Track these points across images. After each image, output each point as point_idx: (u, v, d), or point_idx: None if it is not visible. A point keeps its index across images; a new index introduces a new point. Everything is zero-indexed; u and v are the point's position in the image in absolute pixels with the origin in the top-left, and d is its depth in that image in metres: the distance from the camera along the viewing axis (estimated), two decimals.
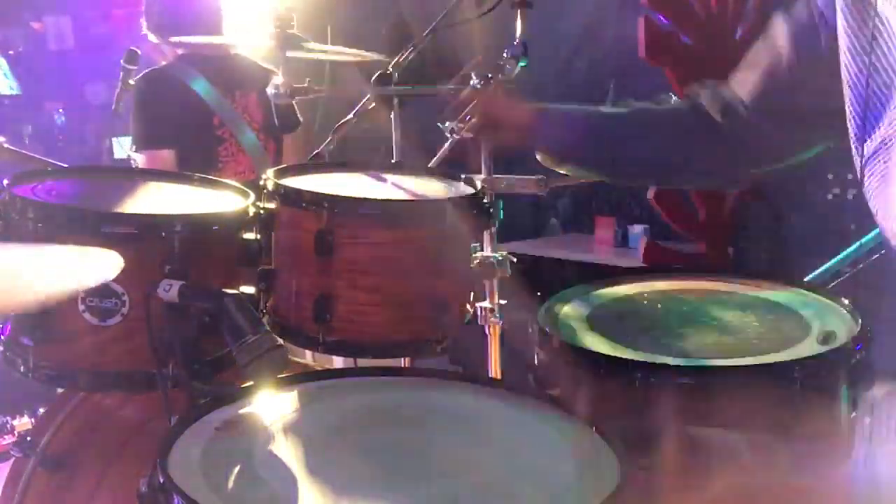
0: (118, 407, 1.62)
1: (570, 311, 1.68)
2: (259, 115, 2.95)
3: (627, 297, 1.76)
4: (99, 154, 5.41)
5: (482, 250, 1.78)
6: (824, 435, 1.39)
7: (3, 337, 1.39)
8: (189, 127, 2.83)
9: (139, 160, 2.80)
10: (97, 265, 1.01)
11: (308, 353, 2.00)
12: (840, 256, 2.07)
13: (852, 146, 1.07)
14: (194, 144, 2.83)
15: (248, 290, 1.48)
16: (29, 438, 1.62)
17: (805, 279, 1.84)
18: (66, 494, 1.53)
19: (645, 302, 1.74)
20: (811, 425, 1.34)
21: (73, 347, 1.34)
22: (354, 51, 2.23)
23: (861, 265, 2.06)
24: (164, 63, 2.96)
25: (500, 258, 1.79)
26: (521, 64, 1.87)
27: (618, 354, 1.46)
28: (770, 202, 3.72)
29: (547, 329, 1.53)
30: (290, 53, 1.84)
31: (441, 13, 2.03)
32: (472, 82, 1.86)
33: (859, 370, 1.43)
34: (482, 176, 1.84)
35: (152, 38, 2.96)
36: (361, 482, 0.98)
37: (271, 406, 1.16)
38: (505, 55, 1.87)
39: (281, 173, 1.58)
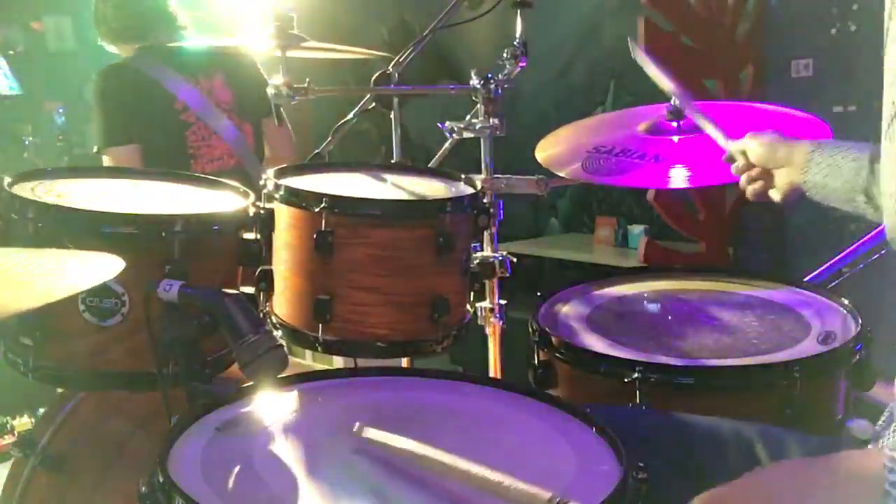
0: (118, 407, 1.62)
1: (570, 311, 1.68)
2: (227, 96, 2.85)
3: (627, 297, 1.76)
4: (99, 154, 5.41)
5: (482, 250, 1.78)
6: (824, 434, 1.39)
7: (3, 337, 1.39)
8: (151, 116, 2.74)
9: (104, 161, 2.71)
10: (97, 265, 1.01)
11: (308, 353, 1.99)
12: (840, 256, 2.06)
13: None
14: (160, 133, 2.73)
15: (248, 290, 1.48)
16: (29, 438, 1.62)
17: (805, 279, 1.84)
18: (66, 494, 1.53)
19: (645, 302, 1.74)
20: (811, 425, 1.34)
21: (73, 347, 1.34)
22: (355, 49, 2.22)
23: (861, 265, 2.06)
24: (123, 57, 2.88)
25: (500, 258, 1.80)
26: (521, 64, 1.87)
27: (618, 354, 1.46)
28: (770, 202, 3.71)
29: (547, 329, 1.54)
30: (290, 53, 1.84)
31: (441, 13, 2.03)
32: (472, 82, 1.86)
33: (859, 370, 1.43)
34: (482, 176, 1.84)
35: (112, 48, 2.89)
36: (361, 482, 0.98)
37: (271, 406, 1.16)
38: (505, 55, 1.87)
39: (281, 173, 1.58)
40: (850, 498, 0.80)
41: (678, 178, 1.75)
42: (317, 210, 1.41)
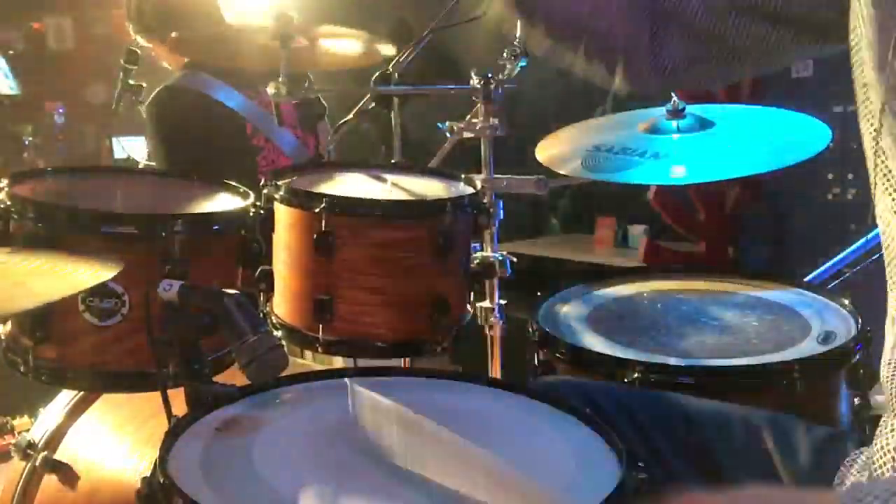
0: (118, 407, 1.63)
1: (570, 311, 1.69)
2: (292, 109, 2.62)
3: (627, 297, 1.76)
4: (99, 154, 5.42)
5: (482, 250, 1.78)
6: None
7: (3, 337, 1.39)
8: (220, 144, 2.46)
9: None
10: (97, 265, 1.01)
11: (308, 353, 1.99)
12: (840, 256, 2.07)
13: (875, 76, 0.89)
14: (229, 162, 2.45)
15: (248, 290, 1.48)
16: (29, 439, 1.62)
17: (805, 279, 1.84)
18: (66, 494, 1.53)
19: (645, 302, 1.74)
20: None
21: (73, 347, 1.34)
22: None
23: (861, 265, 2.06)
24: (174, 76, 2.61)
25: (500, 258, 1.79)
26: (521, 64, 1.87)
27: (618, 354, 1.46)
28: (770, 202, 3.72)
29: (547, 329, 1.54)
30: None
31: (441, 13, 2.03)
32: (472, 82, 1.86)
33: (859, 370, 1.43)
34: (482, 176, 1.84)
35: (142, 40, 2.68)
36: (361, 482, 0.98)
37: (271, 406, 1.16)
38: (505, 55, 1.87)
39: (281, 173, 1.58)
40: None
41: (678, 174, 1.75)
42: (317, 210, 1.41)
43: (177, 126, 2.48)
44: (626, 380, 1.35)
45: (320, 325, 1.44)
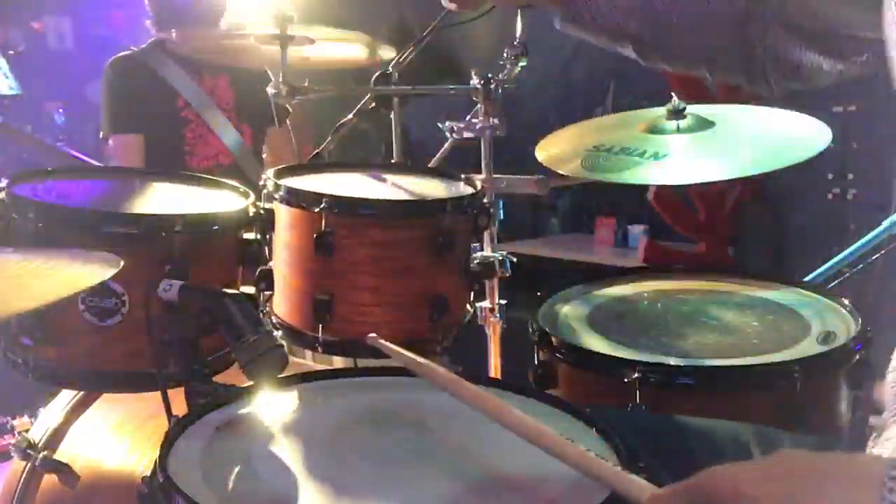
0: (118, 407, 1.63)
1: (570, 311, 1.68)
2: (230, 97, 2.96)
3: (627, 297, 1.76)
4: (99, 154, 5.41)
5: (482, 250, 1.78)
6: (824, 434, 1.39)
7: (3, 337, 1.39)
8: (154, 110, 2.87)
9: (109, 145, 2.88)
10: (97, 265, 1.01)
11: (308, 353, 2.00)
12: (840, 256, 2.07)
13: None
14: (159, 128, 2.86)
15: (248, 290, 1.48)
16: (29, 439, 1.62)
17: (805, 279, 1.84)
18: (66, 494, 1.53)
19: (645, 302, 1.74)
20: (811, 425, 1.34)
21: (73, 347, 1.34)
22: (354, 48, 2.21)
23: (861, 265, 2.06)
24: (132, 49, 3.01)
25: (500, 258, 1.79)
26: (521, 64, 1.87)
27: (618, 354, 1.46)
28: (770, 202, 3.72)
29: (547, 329, 1.54)
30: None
31: (441, 13, 2.03)
32: (472, 82, 1.86)
33: (859, 370, 1.43)
34: (482, 176, 1.84)
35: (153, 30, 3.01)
36: (361, 482, 0.98)
37: (271, 406, 1.16)
38: (505, 55, 1.87)
39: (281, 173, 1.58)
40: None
41: (677, 174, 1.75)
42: (317, 210, 1.41)
43: (119, 87, 2.89)
44: (625, 380, 1.35)
45: (320, 325, 1.44)
